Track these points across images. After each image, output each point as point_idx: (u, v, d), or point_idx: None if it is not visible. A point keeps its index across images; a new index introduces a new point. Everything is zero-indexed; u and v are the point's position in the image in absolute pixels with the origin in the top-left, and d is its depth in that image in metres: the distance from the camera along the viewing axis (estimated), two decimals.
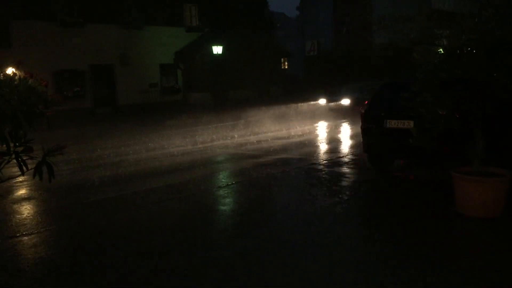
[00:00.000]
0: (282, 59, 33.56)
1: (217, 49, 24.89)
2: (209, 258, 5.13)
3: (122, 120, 22.10)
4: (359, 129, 9.57)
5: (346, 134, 15.52)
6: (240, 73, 27.47)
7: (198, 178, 9.34)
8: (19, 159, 3.69)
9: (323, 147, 13.04)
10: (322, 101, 22.68)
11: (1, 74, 3.37)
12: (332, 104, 21.69)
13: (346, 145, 13.11)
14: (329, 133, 15.96)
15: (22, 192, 8.62)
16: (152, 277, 4.76)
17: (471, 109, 6.16)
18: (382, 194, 7.75)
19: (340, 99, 21.10)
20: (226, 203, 7.64)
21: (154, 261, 5.17)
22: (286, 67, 36.12)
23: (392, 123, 8.40)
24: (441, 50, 6.40)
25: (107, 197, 8.07)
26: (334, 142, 13.54)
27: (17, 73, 3.39)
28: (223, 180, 9.40)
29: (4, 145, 3.64)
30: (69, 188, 8.79)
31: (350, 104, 20.40)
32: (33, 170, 3.82)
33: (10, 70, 3.78)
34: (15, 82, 3.31)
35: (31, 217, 7.08)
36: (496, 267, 4.64)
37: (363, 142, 9.32)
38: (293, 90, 31.34)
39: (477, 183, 6.06)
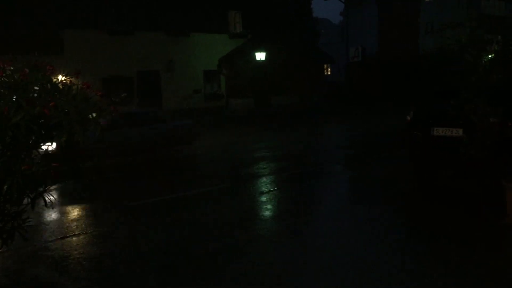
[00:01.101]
0: (324, 66, 33.34)
1: (260, 55, 24.98)
2: None
3: None
4: None
5: None
6: (283, 79, 27.46)
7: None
8: (70, 161, 3.83)
9: None
10: None
11: (60, 83, 3.50)
12: None
13: None
14: None
15: (71, 194, 8.90)
16: (194, 282, 4.81)
17: None
18: (428, 206, 7.52)
19: None
20: None
21: (196, 265, 5.22)
22: (329, 73, 35.86)
23: (440, 131, 8.17)
24: (492, 55, 6.19)
25: (152, 201, 8.23)
26: None
27: (75, 83, 3.52)
28: None
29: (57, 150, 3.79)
30: (117, 191, 9.01)
31: None
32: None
33: (61, 77, 3.91)
34: (73, 92, 3.43)
35: (80, 218, 7.31)
36: None
37: (409, 151, 9.12)
38: (334, 96, 31.02)
39: None
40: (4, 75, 3.48)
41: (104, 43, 23.39)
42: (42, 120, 3.46)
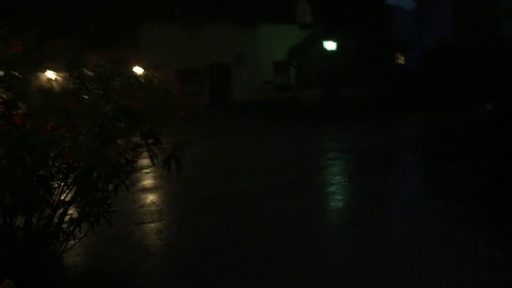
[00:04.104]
0: (398, 54, 32.24)
1: (330, 45, 24.59)
2: None
3: (237, 116, 22.90)
4: None
5: None
6: (354, 69, 26.86)
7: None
8: (151, 151, 4.03)
9: None
10: None
11: (141, 76, 3.70)
12: None
13: None
14: None
15: (148, 182, 9.30)
16: (264, 271, 4.90)
17: None
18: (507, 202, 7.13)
19: None
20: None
21: (264, 256, 5.31)
22: (403, 62, 34.63)
23: None
24: None
25: (225, 190, 8.43)
26: None
27: (156, 76, 3.70)
28: None
29: (138, 138, 4.00)
30: (191, 180, 9.29)
31: None
32: (162, 162, 4.15)
33: (137, 70, 4.12)
34: (154, 84, 3.62)
35: (156, 206, 7.64)
36: None
37: (489, 143, 8.70)
38: (408, 86, 29.84)
39: None
40: (96, 68, 3.73)
41: (177, 36, 24.07)
42: (126, 111, 3.67)
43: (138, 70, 4.23)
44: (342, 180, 8.74)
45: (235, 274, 4.87)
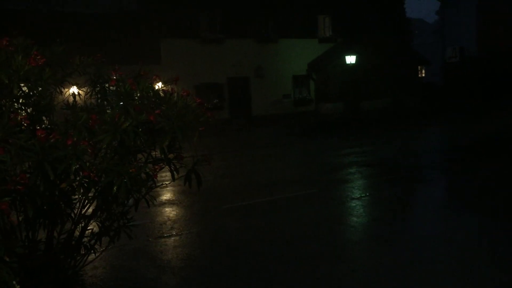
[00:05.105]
0: (419, 67, 32.00)
1: (350, 59, 24.55)
2: None
3: (257, 129, 22.93)
4: None
5: None
6: (373, 82, 26.77)
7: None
8: (171, 166, 4.04)
9: None
10: None
11: (161, 90, 3.72)
12: None
13: None
14: None
15: (167, 196, 9.36)
16: (283, 285, 4.85)
17: None
18: None
19: None
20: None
21: (284, 269, 5.25)
22: (423, 75, 34.35)
23: None
24: None
25: (245, 204, 8.42)
26: None
27: (175, 90, 3.72)
28: None
29: (158, 153, 4.02)
30: (210, 194, 9.31)
31: None
32: (181, 176, 4.15)
33: (159, 84, 4.15)
34: (174, 99, 3.63)
35: (175, 219, 7.66)
36: None
37: None
38: (429, 99, 29.54)
39: None
40: (116, 84, 3.78)
41: (197, 51, 24.35)
42: (145, 126, 3.70)
43: (158, 84, 4.27)
44: (363, 194, 8.63)
45: None
